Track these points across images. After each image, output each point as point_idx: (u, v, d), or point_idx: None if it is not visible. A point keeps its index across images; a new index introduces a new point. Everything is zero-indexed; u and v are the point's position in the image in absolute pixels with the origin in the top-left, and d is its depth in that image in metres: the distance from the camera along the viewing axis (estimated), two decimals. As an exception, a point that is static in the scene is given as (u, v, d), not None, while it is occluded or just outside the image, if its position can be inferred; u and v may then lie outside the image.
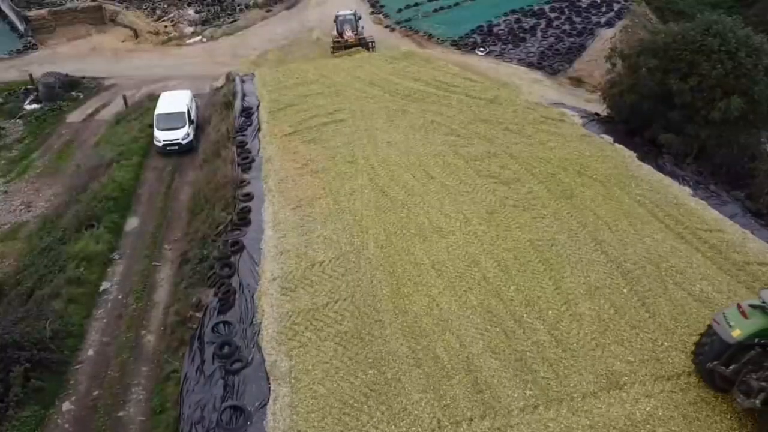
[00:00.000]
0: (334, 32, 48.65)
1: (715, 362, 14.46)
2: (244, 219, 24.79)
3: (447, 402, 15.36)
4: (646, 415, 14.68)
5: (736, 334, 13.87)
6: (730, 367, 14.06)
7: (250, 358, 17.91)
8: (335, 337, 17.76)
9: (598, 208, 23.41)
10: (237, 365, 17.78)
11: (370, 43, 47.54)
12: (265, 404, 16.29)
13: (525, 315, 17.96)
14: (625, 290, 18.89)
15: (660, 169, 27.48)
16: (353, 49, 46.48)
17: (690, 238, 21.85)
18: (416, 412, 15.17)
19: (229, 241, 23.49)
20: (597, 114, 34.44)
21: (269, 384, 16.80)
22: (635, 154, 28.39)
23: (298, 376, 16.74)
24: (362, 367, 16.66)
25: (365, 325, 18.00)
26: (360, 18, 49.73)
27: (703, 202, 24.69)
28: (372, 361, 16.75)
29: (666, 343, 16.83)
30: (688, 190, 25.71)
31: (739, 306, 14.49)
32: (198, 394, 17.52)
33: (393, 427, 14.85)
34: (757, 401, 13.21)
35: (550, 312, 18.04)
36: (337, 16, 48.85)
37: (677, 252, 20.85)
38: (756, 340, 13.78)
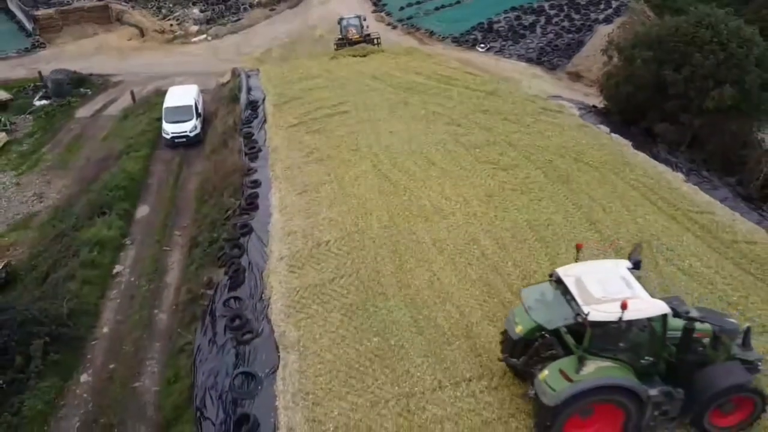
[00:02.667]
0: (339, 35, 47.87)
1: (506, 355, 15.05)
2: (252, 204, 25.70)
3: (447, 365, 16.21)
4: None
5: (519, 330, 14.39)
6: (520, 359, 14.60)
7: (260, 330, 18.79)
8: (341, 308, 18.64)
9: (593, 191, 24.29)
10: (248, 336, 18.66)
11: (375, 39, 46.74)
12: (275, 370, 17.13)
13: (522, 287, 18.77)
14: (617, 265, 19.74)
15: (654, 157, 28.37)
16: (358, 46, 45.72)
17: (681, 218, 22.75)
18: (418, 374, 16.02)
19: (238, 224, 24.40)
20: (594, 106, 35.38)
21: (278, 352, 17.65)
22: (631, 143, 29.31)
23: (306, 344, 17.60)
24: (367, 335, 17.52)
25: (370, 297, 18.88)
26: (365, 20, 48.84)
27: (695, 186, 25.59)
28: (376, 330, 17.62)
29: (655, 312, 17.69)
30: (681, 176, 26.61)
31: None
32: (211, 363, 18.42)
33: (396, 387, 15.70)
34: (531, 392, 13.71)
35: (546, 285, 18.91)
36: (340, 20, 48.00)
37: (668, 231, 21.75)
38: (537, 334, 14.17)
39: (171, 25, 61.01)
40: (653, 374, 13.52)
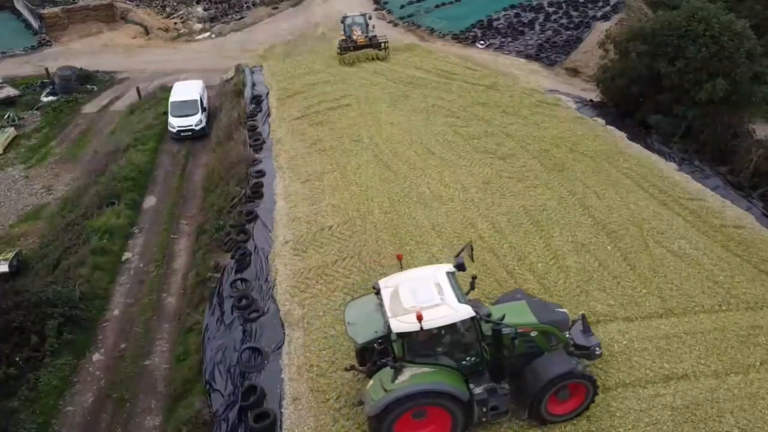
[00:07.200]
0: (342, 35, 43.72)
1: (351, 365, 15.41)
2: (257, 192, 26.56)
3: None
4: (623, 347, 16.38)
5: (360, 340, 14.79)
6: (366, 366, 14.96)
7: (266, 308, 19.65)
8: (344, 288, 19.52)
9: (588, 179, 25.12)
10: (254, 315, 19.51)
11: (382, 44, 42.67)
12: (281, 346, 17.99)
13: (516, 267, 19.71)
14: (609, 247, 20.61)
15: (648, 147, 29.20)
16: (362, 51, 42.12)
17: (672, 205, 23.56)
18: (417, 347, 16.82)
19: (244, 211, 25.23)
20: (591, 100, 36.14)
21: (284, 329, 18.51)
22: (625, 134, 30.13)
23: (310, 321, 18.48)
24: (369, 312, 18.31)
25: (371, 278, 19.63)
26: (371, 18, 45.55)
27: (687, 175, 26.41)
28: (377, 307, 18.43)
29: (644, 290, 18.57)
30: (674, 165, 27.40)
31: None
32: (219, 340, 19.27)
33: (397, 359, 16.49)
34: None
35: (539, 265, 19.78)
36: (344, 18, 44.14)
37: (659, 216, 22.57)
38: (377, 343, 14.57)
39: (175, 23, 61.84)
40: (483, 372, 14.03)
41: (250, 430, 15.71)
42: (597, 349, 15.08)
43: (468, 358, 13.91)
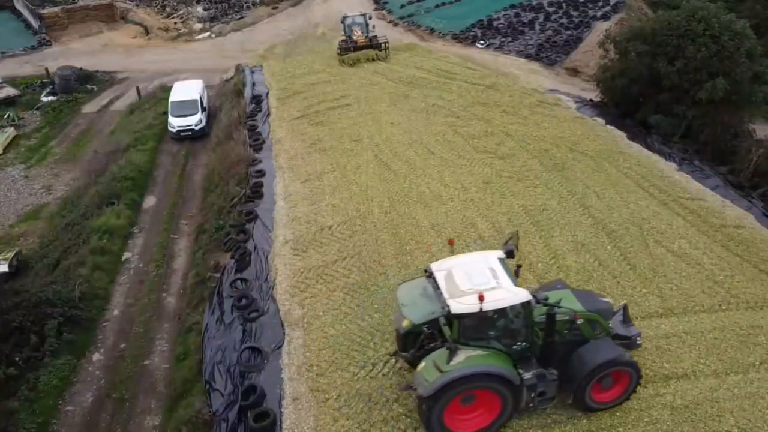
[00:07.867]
0: (342, 36, 43.27)
1: (396, 350, 15.55)
2: (257, 192, 26.56)
3: (445, 337, 17.02)
4: (622, 346, 16.37)
5: (405, 324, 14.93)
6: (410, 352, 14.91)
7: (266, 308, 19.64)
8: (344, 288, 19.53)
9: (588, 179, 25.14)
10: (254, 314, 19.51)
11: (383, 44, 42.26)
12: (281, 346, 17.99)
13: (513, 266, 19.59)
14: (609, 247, 20.62)
15: (648, 147, 29.19)
16: (362, 52, 41.68)
17: (672, 204, 23.58)
18: (417, 347, 16.83)
19: (244, 211, 25.24)
20: (591, 99, 36.14)
21: (284, 329, 18.51)
22: (625, 134, 30.14)
23: (310, 321, 18.49)
24: (368, 312, 18.37)
25: (371, 277, 19.77)
26: (371, 18, 45.01)
27: (687, 175, 26.42)
28: (377, 307, 18.49)
29: (644, 290, 18.60)
30: (674, 165, 27.40)
31: None
32: (219, 340, 19.25)
33: (396, 360, 16.48)
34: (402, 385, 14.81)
35: (539, 265, 19.81)
36: (344, 18, 43.59)
37: (659, 216, 22.59)
38: (425, 327, 14.61)
39: (175, 23, 61.82)
40: (530, 358, 14.19)
41: (250, 430, 15.71)
42: (637, 339, 15.31)
43: (518, 343, 14.07)
